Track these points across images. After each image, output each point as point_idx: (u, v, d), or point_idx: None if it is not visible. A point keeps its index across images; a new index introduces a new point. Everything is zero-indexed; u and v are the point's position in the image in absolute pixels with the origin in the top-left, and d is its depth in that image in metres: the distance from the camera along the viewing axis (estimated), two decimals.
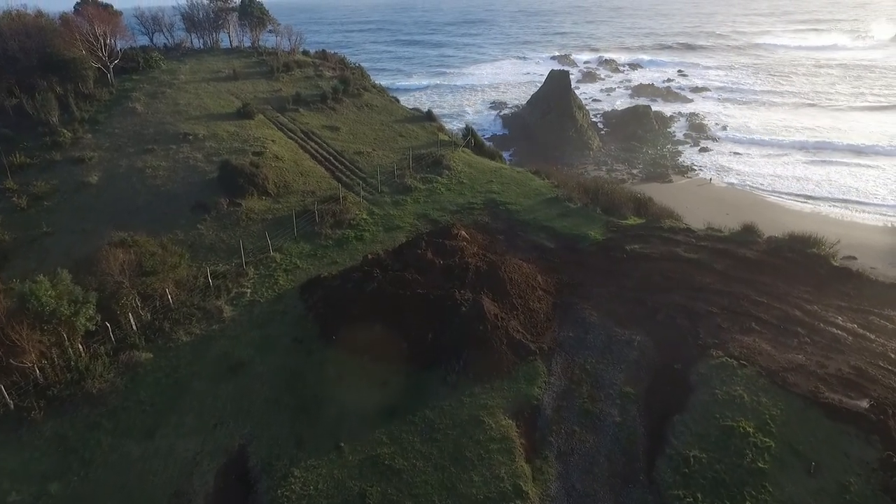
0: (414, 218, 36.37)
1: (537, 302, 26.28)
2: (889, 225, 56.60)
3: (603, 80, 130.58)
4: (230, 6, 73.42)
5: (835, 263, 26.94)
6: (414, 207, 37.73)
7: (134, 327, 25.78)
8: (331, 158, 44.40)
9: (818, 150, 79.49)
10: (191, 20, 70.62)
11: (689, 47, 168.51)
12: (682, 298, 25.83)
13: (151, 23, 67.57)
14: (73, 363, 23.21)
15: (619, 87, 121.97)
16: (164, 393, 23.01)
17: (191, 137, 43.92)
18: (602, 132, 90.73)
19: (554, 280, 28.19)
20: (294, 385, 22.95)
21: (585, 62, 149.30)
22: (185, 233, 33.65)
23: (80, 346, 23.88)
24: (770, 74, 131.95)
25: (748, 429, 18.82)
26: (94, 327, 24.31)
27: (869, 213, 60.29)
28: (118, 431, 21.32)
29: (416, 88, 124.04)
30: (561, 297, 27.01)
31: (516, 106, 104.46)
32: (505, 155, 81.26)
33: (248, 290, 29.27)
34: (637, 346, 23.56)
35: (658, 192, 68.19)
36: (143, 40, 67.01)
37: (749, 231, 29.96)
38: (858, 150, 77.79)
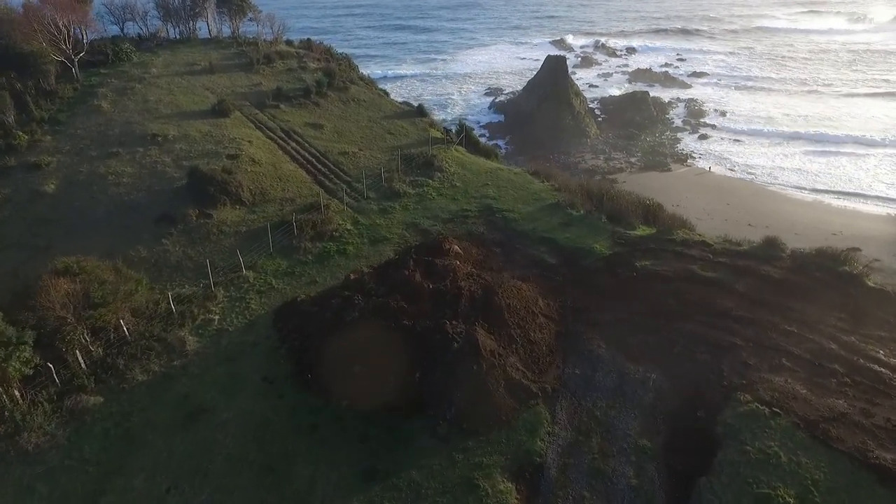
0: (402, 228, 33.29)
1: (538, 331, 23.38)
2: (892, 215, 54.43)
3: (600, 64, 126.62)
4: None
5: (870, 284, 24.09)
6: (402, 215, 34.61)
7: (82, 365, 22.75)
8: (313, 160, 41.04)
9: (819, 138, 77.26)
10: (165, 8, 66.17)
11: (686, 31, 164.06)
12: (700, 327, 22.99)
13: (122, 11, 63.16)
14: (7, 413, 20.26)
15: (616, 73, 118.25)
16: (112, 447, 20.08)
17: (160, 139, 40.44)
18: (599, 119, 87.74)
19: (557, 304, 25.23)
20: (261, 437, 20.06)
21: (581, 47, 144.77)
22: (149, 249, 30.49)
23: (17, 393, 20.88)
24: (769, 59, 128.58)
25: (788, 499, 16.05)
26: (31, 370, 21.26)
27: (871, 203, 58.26)
28: (55, 498, 18.40)
29: (407, 76, 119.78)
30: (565, 324, 24.12)
31: (512, 92, 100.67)
32: (500, 143, 78.30)
33: (216, 317, 26.24)
34: (652, 386, 20.76)
35: (657, 182, 65.85)
36: (113, 30, 62.86)
37: (771, 245, 26.97)
38: (860, 141, 75.67)
